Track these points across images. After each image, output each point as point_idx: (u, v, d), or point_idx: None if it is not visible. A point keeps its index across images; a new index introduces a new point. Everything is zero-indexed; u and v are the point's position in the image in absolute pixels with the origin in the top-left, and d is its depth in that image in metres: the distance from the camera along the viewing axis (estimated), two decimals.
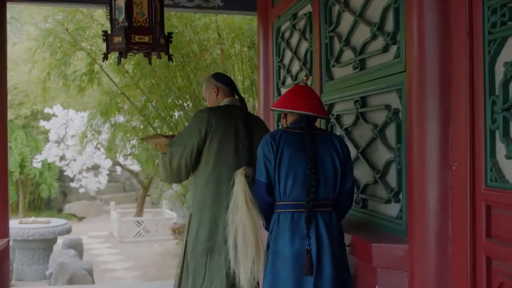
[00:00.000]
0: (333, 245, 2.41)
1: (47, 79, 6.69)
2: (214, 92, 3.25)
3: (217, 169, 3.01)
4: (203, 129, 2.99)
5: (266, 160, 2.50)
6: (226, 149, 3.03)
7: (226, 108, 3.16)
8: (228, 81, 3.32)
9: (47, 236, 7.89)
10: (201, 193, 3.06)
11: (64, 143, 12.75)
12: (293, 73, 4.31)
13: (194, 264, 3.03)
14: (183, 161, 3.03)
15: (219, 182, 2.99)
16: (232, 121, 3.07)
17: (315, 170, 2.42)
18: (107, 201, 16.55)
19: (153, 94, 6.89)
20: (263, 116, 5.14)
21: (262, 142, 2.56)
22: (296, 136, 2.52)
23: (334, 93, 3.33)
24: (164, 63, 6.61)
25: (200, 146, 3.01)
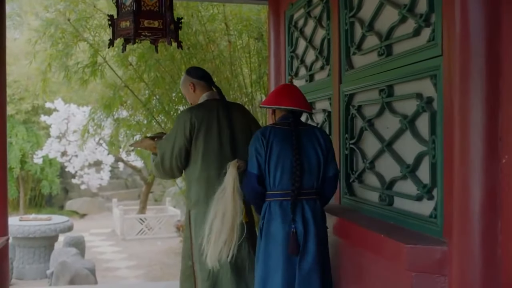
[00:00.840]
0: (318, 228, 2.74)
1: (47, 70, 6.48)
2: (191, 88, 3.35)
3: (205, 167, 3.17)
4: (187, 130, 3.15)
5: (257, 154, 2.79)
6: (211, 145, 3.18)
7: (206, 104, 3.28)
8: (202, 74, 3.39)
9: (48, 233, 7.71)
10: (194, 191, 3.22)
11: (65, 138, 12.55)
12: (308, 63, 4.11)
13: (200, 259, 3.10)
14: (173, 162, 3.20)
15: (209, 179, 3.15)
16: (213, 116, 3.21)
17: (300, 162, 2.73)
18: (109, 198, 16.42)
19: (158, 87, 6.67)
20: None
21: (254, 138, 2.84)
22: (283, 131, 2.81)
23: (355, 83, 3.13)
24: (169, 55, 6.42)
25: (187, 146, 3.17)
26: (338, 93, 3.36)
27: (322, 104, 3.80)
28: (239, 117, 3.32)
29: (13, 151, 14.00)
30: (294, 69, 4.50)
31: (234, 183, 2.87)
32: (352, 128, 3.22)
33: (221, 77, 6.39)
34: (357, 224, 2.78)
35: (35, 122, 14.78)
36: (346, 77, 3.27)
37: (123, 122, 7.42)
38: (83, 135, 8.82)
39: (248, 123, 3.36)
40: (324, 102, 3.72)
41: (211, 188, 3.01)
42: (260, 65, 6.73)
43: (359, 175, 3.11)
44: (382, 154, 2.81)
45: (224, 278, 3.14)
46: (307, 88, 4.04)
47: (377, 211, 2.81)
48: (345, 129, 3.25)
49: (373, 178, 2.91)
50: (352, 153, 3.21)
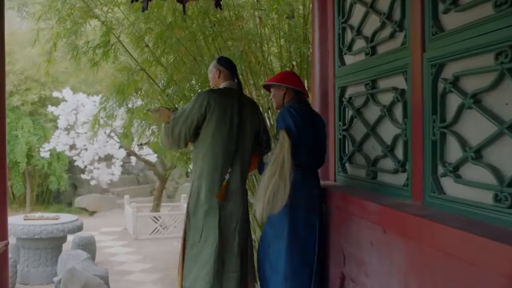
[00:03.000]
0: None
1: (53, 50, 5.82)
2: (217, 74, 3.81)
3: (213, 144, 3.58)
4: (203, 107, 3.55)
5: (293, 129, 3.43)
6: (222, 126, 3.58)
7: (224, 91, 3.72)
8: (229, 65, 3.84)
9: (55, 234, 7.08)
10: (200, 164, 3.63)
11: (74, 130, 11.91)
12: (368, 34, 3.44)
13: (194, 223, 3.63)
14: (183, 131, 3.60)
15: (215, 156, 3.59)
16: (228, 102, 3.63)
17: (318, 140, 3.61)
18: (120, 194, 15.85)
19: (178, 71, 6.00)
20: (319, 91, 4.30)
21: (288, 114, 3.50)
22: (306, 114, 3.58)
23: (448, 48, 2.44)
24: (191, 34, 5.74)
25: (199, 121, 3.58)
26: (421, 64, 2.67)
27: (390, 81, 3.12)
28: (249, 110, 3.76)
29: (19, 145, 13.50)
30: (346, 43, 3.84)
31: (289, 146, 3.27)
32: (444, 108, 2.54)
33: (251, 58, 5.71)
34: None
35: (42, 114, 14.22)
36: (433, 42, 2.59)
37: (138, 110, 6.75)
38: (93, 126, 8.18)
39: (257, 118, 3.84)
40: (395, 78, 3.05)
41: (216, 165, 3.59)
42: (290, 46, 6.04)
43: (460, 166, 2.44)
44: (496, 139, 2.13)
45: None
46: (366, 63, 3.40)
47: None
48: (434, 109, 2.57)
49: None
50: (444, 138, 2.54)
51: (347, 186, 3.75)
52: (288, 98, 3.67)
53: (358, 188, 3.54)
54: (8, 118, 13.54)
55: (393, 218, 2.66)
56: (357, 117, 3.61)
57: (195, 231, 3.63)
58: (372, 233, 2.92)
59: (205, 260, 3.56)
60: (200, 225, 3.60)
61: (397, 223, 2.61)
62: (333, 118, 4.06)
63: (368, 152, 3.48)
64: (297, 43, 5.97)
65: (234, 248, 3.64)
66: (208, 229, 3.57)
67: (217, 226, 3.55)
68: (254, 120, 3.79)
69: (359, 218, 3.12)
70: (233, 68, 3.83)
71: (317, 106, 4.28)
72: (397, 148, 3.05)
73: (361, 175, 3.56)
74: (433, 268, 2.29)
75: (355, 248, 3.20)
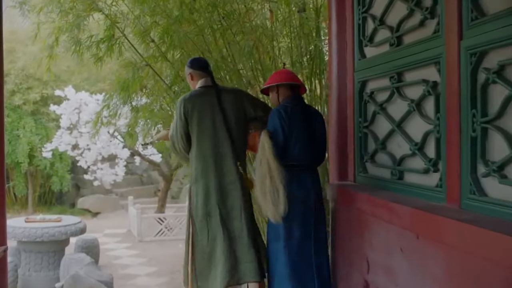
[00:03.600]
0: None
1: (54, 45, 5.60)
2: (190, 78, 3.94)
3: (200, 146, 3.69)
4: (182, 114, 3.67)
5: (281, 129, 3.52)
6: (205, 127, 3.68)
7: (198, 90, 3.81)
8: (200, 65, 3.93)
9: (57, 237, 6.86)
10: (194, 169, 3.74)
11: (77, 129, 11.71)
12: (392, 23, 3.21)
13: (199, 226, 3.70)
14: (180, 145, 3.76)
15: (205, 158, 3.68)
16: (205, 100, 3.73)
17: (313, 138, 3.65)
18: (123, 195, 15.70)
19: (184, 67, 5.78)
20: (337, 86, 4.06)
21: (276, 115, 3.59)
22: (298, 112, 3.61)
23: (491, 34, 2.22)
24: (199, 28, 5.52)
25: (185, 129, 3.71)
26: (457, 54, 2.44)
27: (419, 73, 2.89)
28: (230, 100, 3.79)
29: (21, 145, 13.35)
30: (367, 34, 3.61)
31: (270, 147, 3.34)
32: (485, 101, 2.31)
33: (261, 53, 5.48)
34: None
35: (44, 113, 14.04)
36: (471, 29, 2.36)
37: (144, 108, 6.54)
38: (96, 124, 7.97)
39: (242, 103, 3.83)
40: (425, 69, 2.81)
41: (207, 166, 3.68)
42: (301, 41, 5.81)
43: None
44: None
45: (218, 248, 3.65)
46: (391, 55, 3.17)
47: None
48: (473, 103, 2.34)
49: None
50: (486, 134, 2.31)
51: (369, 187, 3.51)
52: (283, 96, 3.72)
53: (382, 189, 3.31)
54: (10, 117, 13.41)
55: (428, 222, 2.43)
56: (380, 112, 3.38)
57: (202, 233, 3.71)
58: (403, 238, 2.69)
59: (218, 258, 3.64)
60: (205, 227, 3.70)
61: (433, 228, 2.38)
62: (352, 114, 3.83)
63: (393, 150, 3.25)
64: (309, 38, 5.75)
65: (244, 238, 3.69)
66: (213, 228, 3.68)
67: (220, 225, 3.65)
68: (237, 105, 3.82)
69: (387, 222, 2.89)
70: (204, 67, 3.93)
71: (334, 102, 4.05)
72: (428, 146, 2.82)
73: (385, 175, 3.33)
74: (477, 278, 2.06)
75: (382, 255, 2.98)
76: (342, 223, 3.69)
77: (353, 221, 3.44)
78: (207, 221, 3.69)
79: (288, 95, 3.71)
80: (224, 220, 3.67)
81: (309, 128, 3.64)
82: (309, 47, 5.80)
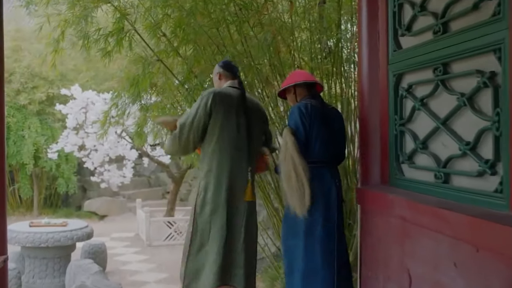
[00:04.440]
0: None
1: (60, 39, 5.32)
2: (217, 76, 3.98)
3: (220, 140, 3.65)
4: (208, 105, 3.62)
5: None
6: (229, 123, 3.67)
7: (227, 90, 3.82)
8: (230, 67, 3.97)
9: (63, 242, 6.57)
10: (208, 162, 3.69)
11: (83, 130, 11.42)
12: (438, 8, 2.88)
13: (202, 222, 3.66)
14: (191, 135, 3.66)
15: (223, 152, 3.65)
16: (232, 99, 3.74)
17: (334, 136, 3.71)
18: (131, 197, 15.45)
19: (198, 63, 5.48)
20: (368, 81, 3.75)
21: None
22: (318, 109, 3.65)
23: None
24: (214, 20, 5.22)
25: (206, 121, 3.65)
26: None
27: (471, 63, 2.57)
28: (254, 109, 3.89)
29: (26, 146, 13.11)
30: (404, 22, 3.29)
31: (293, 144, 3.43)
32: None
33: (280, 47, 5.18)
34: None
35: (50, 113, 13.79)
36: None
37: (153, 107, 6.25)
38: (104, 124, 7.69)
39: (262, 117, 4.00)
40: (480, 58, 2.49)
41: (223, 162, 3.66)
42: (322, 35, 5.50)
43: None
44: None
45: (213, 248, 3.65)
46: (436, 44, 2.85)
47: None
48: None
49: None
50: None
51: (406, 191, 3.19)
52: (301, 96, 3.79)
53: (424, 194, 2.98)
54: (15, 117, 13.20)
55: (491, 233, 2.11)
56: (421, 108, 3.06)
57: (202, 233, 3.70)
58: (457, 251, 2.37)
59: (213, 258, 3.64)
60: (207, 226, 3.68)
61: (498, 240, 2.06)
62: (386, 111, 3.51)
63: (437, 150, 2.93)
64: (329, 32, 5.44)
65: (239, 246, 3.73)
66: (216, 227, 3.67)
67: (225, 224, 3.65)
68: (259, 116, 3.95)
69: (434, 231, 2.57)
70: (233, 70, 3.99)
71: (364, 98, 3.74)
72: (483, 145, 2.49)
73: (426, 178, 3.00)
74: None
75: (428, 268, 2.66)
76: (375, 230, 3.38)
77: (390, 229, 3.12)
78: (211, 218, 3.68)
79: (305, 95, 3.78)
80: (229, 220, 3.68)
81: (329, 125, 3.69)
82: (330, 41, 5.50)
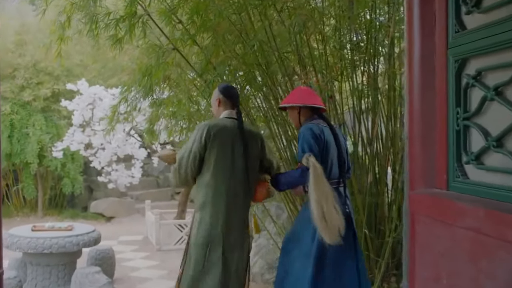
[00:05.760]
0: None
1: (66, 25, 4.89)
2: (217, 103, 4.02)
3: (216, 173, 3.77)
4: (203, 138, 3.74)
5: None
6: (224, 155, 3.79)
7: (223, 121, 3.90)
8: (230, 94, 3.99)
9: (68, 248, 6.13)
10: (203, 195, 3.80)
11: (90, 127, 11.01)
12: None
13: (195, 254, 3.74)
14: (188, 168, 3.79)
15: (218, 185, 3.78)
16: (228, 132, 3.83)
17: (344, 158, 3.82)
18: (139, 198, 15.05)
19: (217, 53, 5.05)
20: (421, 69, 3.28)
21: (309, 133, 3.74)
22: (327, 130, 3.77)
23: None
24: (236, 5, 4.78)
25: (201, 153, 3.76)
26: None
27: None
28: (252, 139, 3.94)
29: (30, 144, 12.76)
30: None
31: (322, 171, 3.48)
32: None
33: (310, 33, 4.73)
34: None
35: (55, 110, 13.42)
36: None
37: (167, 101, 5.82)
38: (111, 120, 7.26)
39: (261, 146, 4.00)
40: None
41: (218, 194, 3.73)
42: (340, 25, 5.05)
43: None
44: None
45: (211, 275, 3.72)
46: None
47: None
48: None
49: None
50: None
51: (478, 198, 2.72)
52: (305, 116, 3.87)
53: (499, 201, 2.51)
54: (19, 114, 12.89)
55: None
56: (495, 99, 2.59)
57: (196, 263, 3.74)
58: None
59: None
60: (201, 258, 3.74)
61: None
62: (444, 103, 3.03)
63: None
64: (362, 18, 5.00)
65: (233, 276, 3.84)
66: (211, 261, 3.73)
67: (220, 258, 3.72)
68: (257, 146, 4.00)
69: None
70: (233, 97, 4.01)
71: (415, 89, 3.27)
72: None
73: (502, 181, 2.53)
74: None
75: None
76: (435, 243, 2.90)
77: (458, 242, 2.65)
78: (207, 251, 3.73)
79: (310, 115, 3.85)
80: (225, 254, 3.76)
81: (337, 144, 3.79)
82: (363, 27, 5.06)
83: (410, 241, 3.22)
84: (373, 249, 5.35)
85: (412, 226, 3.20)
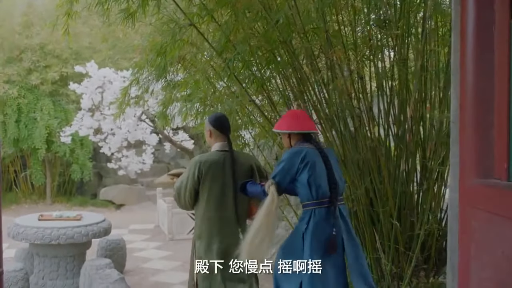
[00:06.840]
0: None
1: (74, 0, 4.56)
2: (208, 134, 4.18)
3: (208, 209, 3.97)
4: (195, 175, 3.96)
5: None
6: (215, 191, 3.98)
7: (215, 154, 4.09)
8: (221, 125, 4.13)
9: (77, 239, 5.83)
10: (198, 226, 4.07)
11: (99, 111, 10.69)
12: None
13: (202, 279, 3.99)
14: (186, 199, 4.04)
15: (211, 220, 3.97)
16: (219, 166, 4.02)
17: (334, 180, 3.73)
18: (149, 185, 14.79)
19: (236, 30, 4.70)
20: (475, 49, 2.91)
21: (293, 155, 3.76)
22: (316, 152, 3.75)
23: None
24: None
25: (196, 188, 3.99)
26: None
27: None
28: (242, 166, 4.11)
29: (38, 129, 12.54)
30: None
31: (277, 203, 3.63)
32: None
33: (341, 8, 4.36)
34: None
35: (64, 94, 13.15)
36: None
37: (182, 82, 5.48)
38: (122, 104, 6.92)
39: (252, 171, 4.15)
40: None
41: (211, 228, 3.96)
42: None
43: None
44: None
45: None
46: None
47: None
48: None
49: None
50: None
51: None
52: (295, 140, 3.84)
53: None
54: (26, 99, 12.69)
55: None
56: None
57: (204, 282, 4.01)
58: None
59: None
60: (207, 279, 3.99)
61: None
62: (505, 81, 2.66)
63: None
64: None
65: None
66: (214, 282, 3.96)
67: (221, 283, 3.93)
68: (249, 171, 4.13)
69: None
70: (224, 129, 4.12)
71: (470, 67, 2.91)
72: None
73: None
74: None
75: None
76: (500, 244, 2.56)
77: None
78: (210, 276, 3.97)
79: (300, 138, 3.83)
80: (224, 281, 3.94)
81: (326, 166, 3.74)
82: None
83: (461, 237, 2.87)
84: (402, 242, 5.02)
85: (463, 221, 2.86)
